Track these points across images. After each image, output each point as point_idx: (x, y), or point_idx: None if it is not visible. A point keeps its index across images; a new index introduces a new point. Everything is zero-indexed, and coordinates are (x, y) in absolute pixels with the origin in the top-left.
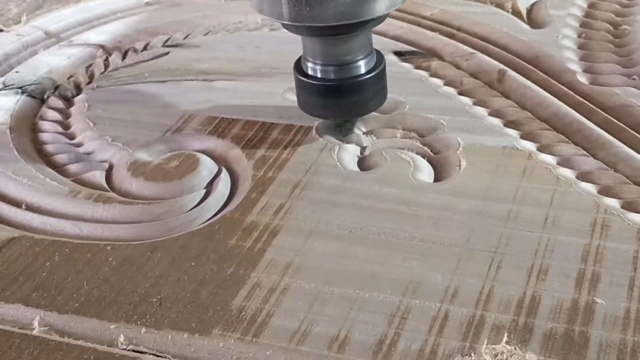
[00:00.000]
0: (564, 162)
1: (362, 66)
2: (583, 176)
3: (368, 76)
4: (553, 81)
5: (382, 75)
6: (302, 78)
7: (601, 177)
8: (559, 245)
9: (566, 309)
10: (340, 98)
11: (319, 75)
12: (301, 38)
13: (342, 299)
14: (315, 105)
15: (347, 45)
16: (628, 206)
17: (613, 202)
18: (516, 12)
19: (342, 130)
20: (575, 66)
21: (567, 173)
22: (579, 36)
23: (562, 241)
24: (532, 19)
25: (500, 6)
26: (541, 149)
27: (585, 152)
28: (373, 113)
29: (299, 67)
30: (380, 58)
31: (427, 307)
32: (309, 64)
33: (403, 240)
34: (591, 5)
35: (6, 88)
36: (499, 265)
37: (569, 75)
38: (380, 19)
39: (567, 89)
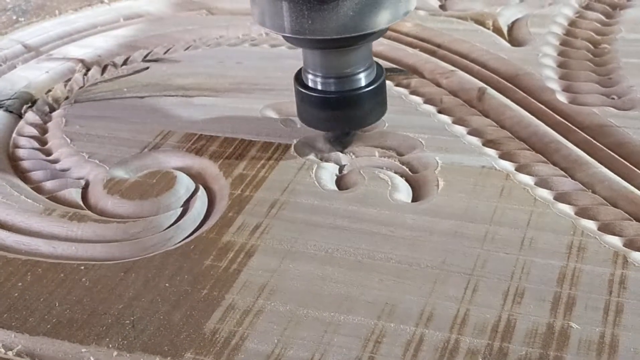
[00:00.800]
0: (542, 183)
1: (363, 79)
2: (560, 197)
3: (368, 89)
4: (532, 100)
5: (382, 87)
6: (303, 90)
7: (578, 199)
8: (535, 267)
9: (541, 333)
10: (341, 110)
11: (319, 87)
12: (302, 50)
13: (317, 321)
14: (315, 117)
15: (347, 57)
16: (605, 228)
17: (590, 224)
18: (497, 30)
19: (341, 142)
20: (554, 85)
21: (544, 194)
22: (559, 55)
23: (538, 263)
24: (513, 37)
25: (481, 23)
26: (519, 169)
27: (563, 173)
28: (352, 131)
29: (299, 79)
30: (380, 71)
31: (401, 331)
32: (310, 76)
33: (379, 262)
34: (572, 24)
35: None
36: (475, 288)
37: (549, 94)
38: (382, 32)
39: (546, 108)
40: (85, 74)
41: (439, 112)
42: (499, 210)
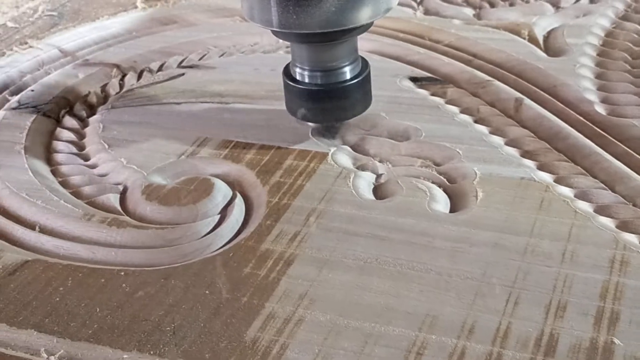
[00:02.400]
0: (582, 195)
1: (348, 72)
2: (601, 210)
3: (353, 82)
4: (570, 111)
5: (366, 81)
6: (290, 83)
7: (619, 212)
8: (577, 281)
9: (585, 349)
10: (326, 102)
11: (306, 80)
12: (290, 44)
13: (358, 332)
14: (302, 108)
15: (332, 52)
16: None
17: (632, 238)
18: (533, 40)
19: (329, 132)
20: (592, 96)
21: (584, 206)
22: (596, 65)
23: (580, 277)
24: (549, 47)
25: (516, 33)
26: (558, 181)
27: (603, 185)
28: (389, 140)
29: (287, 72)
30: (365, 65)
31: (443, 343)
32: (297, 69)
33: (419, 272)
34: (608, 34)
35: (21, 107)
36: (516, 301)
37: (586, 106)
38: (364, 27)
39: (584, 120)
40: (122, 80)
41: (476, 122)
42: (539, 223)
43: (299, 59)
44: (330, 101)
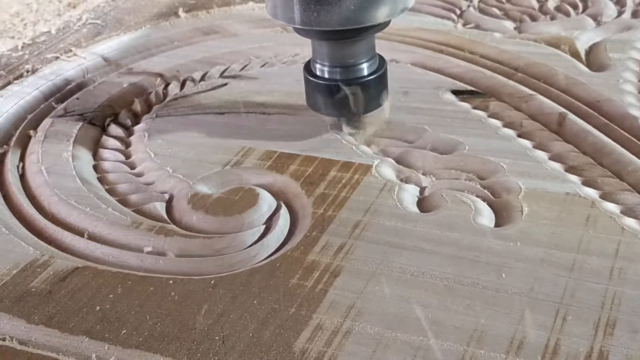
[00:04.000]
0: (628, 212)
1: (365, 68)
2: None
3: (370, 77)
4: (614, 126)
5: (383, 77)
6: (311, 78)
7: None
8: (626, 298)
9: None
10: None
11: (326, 75)
12: (310, 41)
13: (406, 345)
14: (322, 103)
15: (351, 48)
16: None
17: None
18: (574, 54)
19: (349, 125)
20: (637, 112)
21: (631, 223)
22: None
23: (629, 294)
24: (592, 62)
25: (557, 47)
26: (604, 197)
27: None
28: (432, 153)
29: (308, 68)
30: (382, 62)
31: (492, 358)
32: (317, 66)
33: (466, 287)
34: None
35: (67, 114)
36: (565, 317)
37: (631, 121)
38: (381, 26)
39: (629, 135)
40: (165, 89)
41: (519, 136)
42: (586, 239)
43: (319, 56)
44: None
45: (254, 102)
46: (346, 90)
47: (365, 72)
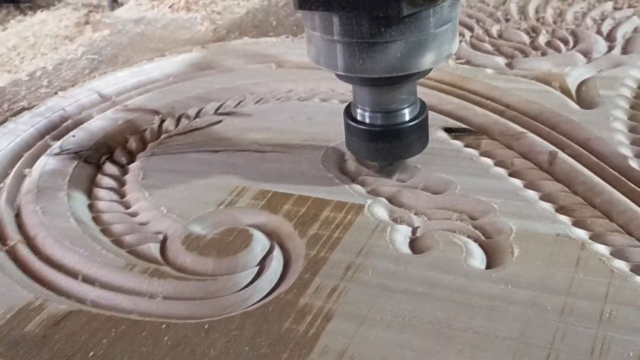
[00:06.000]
0: (618, 253)
1: (407, 114)
2: (638, 269)
3: (412, 123)
4: (604, 165)
5: (424, 122)
6: (352, 123)
7: None
8: (615, 343)
9: None
10: (385, 142)
11: (367, 120)
12: (352, 86)
13: None
14: (362, 148)
15: (394, 94)
16: None
17: None
18: (565, 91)
19: (385, 172)
20: (627, 150)
21: (621, 265)
22: (630, 119)
23: (618, 339)
24: (582, 99)
25: (547, 84)
26: (594, 238)
27: (639, 243)
28: (425, 192)
29: (348, 112)
30: (423, 107)
31: None
32: (358, 110)
33: (457, 331)
34: None
35: (63, 152)
36: None
37: (621, 160)
38: (426, 71)
39: (619, 175)
40: (160, 125)
41: (510, 175)
42: (576, 281)
43: (360, 100)
44: (389, 141)
45: (249, 140)
46: None
47: (407, 118)
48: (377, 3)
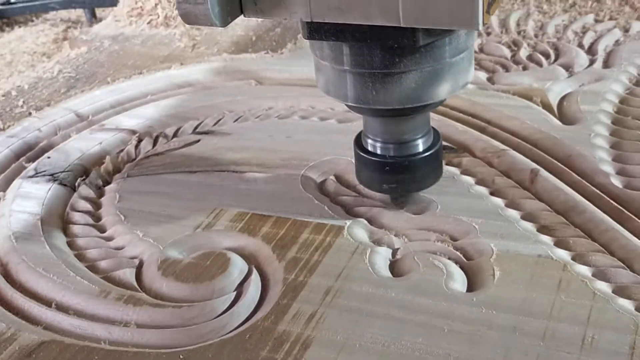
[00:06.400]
0: (600, 275)
1: (420, 144)
2: (620, 291)
3: (425, 154)
4: (586, 183)
5: (438, 153)
6: (362, 154)
7: (638, 293)
8: None
9: None
10: (398, 174)
11: (378, 151)
12: (362, 116)
13: None
14: (373, 180)
15: (407, 124)
16: None
17: None
18: (546, 106)
19: (397, 203)
20: (608, 167)
21: (603, 287)
22: (611, 134)
23: None
24: (563, 114)
25: (529, 99)
26: (576, 259)
27: (621, 264)
28: (405, 213)
29: (359, 143)
30: (437, 136)
31: None
32: (369, 140)
33: (437, 358)
34: (623, 101)
35: (38, 175)
36: None
37: (603, 178)
38: (442, 101)
39: (601, 193)
40: (137, 146)
41: (492, 194)
42: (558, 304)
43: (371, 130)
44: (402, 173)
45: (227, 160)
46: None
47: (421, 149)
48: (391, 33)
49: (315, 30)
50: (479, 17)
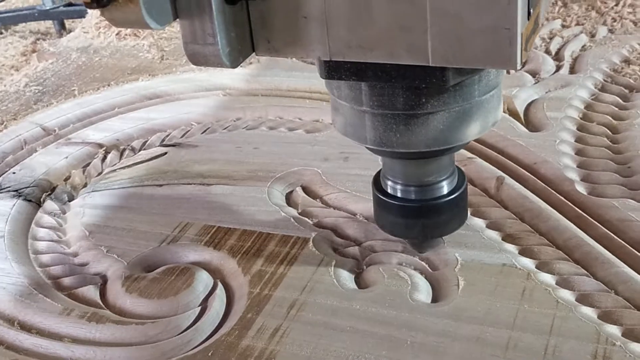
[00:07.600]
0: (563, 283)
1: (445, 187)
2: (583, 299)
3: (450, 197)
4: (551, 190)
5: (464, 195)
6: (381, 196)
7: (601, 300)
8: None
9: None
10: (422, 219)
11: (399, 194)
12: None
13: None
14: (394, 224)
15: (430, 166)
16: (629, 334)
17: (614, 330)
18: (513, 113)
19: (419, 247)
20: (573, 174)
21: (566, 295)
22: (576, 141)
23: None
24: (530, 121)
25: None
26: (540, 267)
27: (585, 272)
28: (371, 224)
29: (378, 184)
30: (462, 177)
31: None
32: (389, 182)
33: None
34: (588, 107)
35: (2, 190)
36: None
37: (568, 185)
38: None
39: (565, 200)
40: (104, 159)
41: None
42: (521, 314)
43: (391, 172)
44: (424, 218)
45: (194, 172)
46: None
47: (445, 191)
48: (418, 72)
49: (334, 70)
50: (517, 55)
